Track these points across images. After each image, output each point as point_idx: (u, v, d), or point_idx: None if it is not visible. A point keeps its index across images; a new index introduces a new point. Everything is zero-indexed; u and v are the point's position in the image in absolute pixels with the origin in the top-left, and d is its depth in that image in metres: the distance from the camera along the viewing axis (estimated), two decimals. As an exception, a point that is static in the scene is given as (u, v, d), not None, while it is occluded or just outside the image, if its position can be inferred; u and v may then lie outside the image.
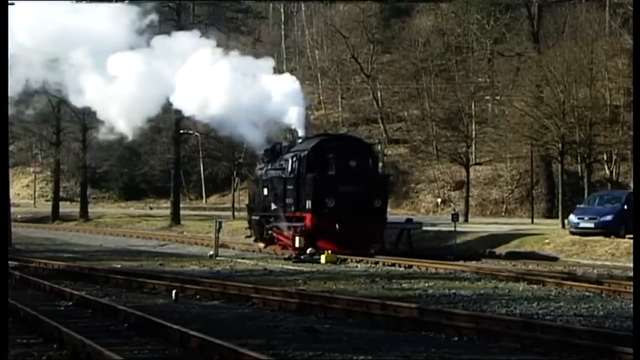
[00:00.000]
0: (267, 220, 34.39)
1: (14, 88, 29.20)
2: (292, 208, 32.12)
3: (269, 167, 35.04)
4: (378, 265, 27.62)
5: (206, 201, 74.27)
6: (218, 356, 10.58)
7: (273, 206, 33.57)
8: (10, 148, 61.83)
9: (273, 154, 35.31)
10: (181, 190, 63.53)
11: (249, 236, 37.77)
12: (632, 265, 24.37)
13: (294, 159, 32.28)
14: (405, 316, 14.74)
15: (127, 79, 32.25)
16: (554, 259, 31.17)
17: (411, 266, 27.04)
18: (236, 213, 52.12)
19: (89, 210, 61.76)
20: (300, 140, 34.10)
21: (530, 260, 30.08)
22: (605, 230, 32.42)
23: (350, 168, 31.49)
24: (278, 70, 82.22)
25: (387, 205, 32.87)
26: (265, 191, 34.68)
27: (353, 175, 31.22)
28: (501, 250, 33.46)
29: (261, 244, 34.84)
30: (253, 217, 36.54)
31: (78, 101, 35.30)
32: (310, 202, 31.10)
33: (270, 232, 34.18)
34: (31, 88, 34.88)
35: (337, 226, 30.18)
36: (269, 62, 36.15)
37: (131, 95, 32.45)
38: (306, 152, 31.97)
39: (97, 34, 31.34)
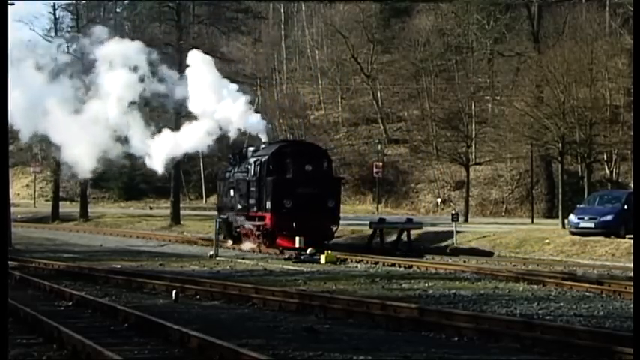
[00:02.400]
0: (234, 219, 36.55)
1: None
2: (255, 209, 34.76)
3: (235, 170, 37.75)
4: (378, 265, 27.65)
5: (206, 201, 74.23)
6: (218, 356, 10.58)
7: (239, 206, 36.28)
8: (10, 148, 61.77)
9: (239, 158, 38.00)
10: (181, 190, 63.53)
11: (218, 233, 39.10)
12: (632, 265, 24.36)
13: (257, 163, 34.95)
14: (405, 316, 14.74)
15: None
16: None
17: (411, 266, 27.06)
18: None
19: (89, 210, 61.72)
20: (263, 146, 36.55)
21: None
22: (605, 230, 32.42)
23: (306, 172, 33.82)
24: (278, 70, 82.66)
25: (339, 205, 35.19)
26: (232, 192, 37.48)
27: (308, 178, 33.58)
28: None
29: (230, 242, 36.70)
30: (222, 217, 38.66)
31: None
32: (270, 202, 33.57)
33: (237, 230, 36.35)
34: None
35: (294, 225, 32.26)
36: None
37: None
38: (266, 157, 34.52)
39: None
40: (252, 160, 35.64)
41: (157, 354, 11.34)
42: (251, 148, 37.26)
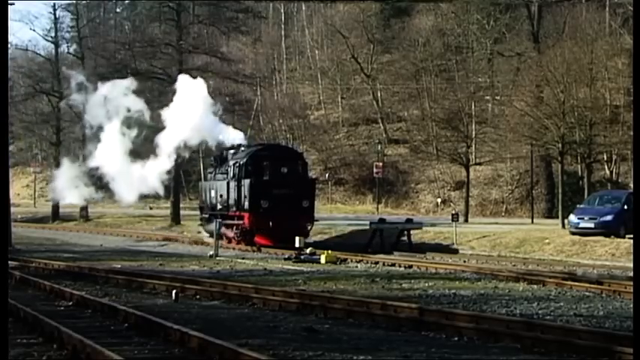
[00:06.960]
0: (215, 218, 37.61)
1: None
2: (234, 208, 36.74)
3: (217, 172, 39.89)
4: (378, 265, 27.65)
5: (206, 201, 74.11)
6: (218, 356, 10.57)
7: (219, 206, 38.32)
8: (10, 148, 61.75)
9: (220, 160, 39.98)
10: (181, 190, 63.51)
11: (200, 232, 41.43)
12: (632, 265, 24.36)
13: (235, 165, 36.92)
14: (405, 316, 14.73)
15: None
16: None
17: (411, 266, 27.06)
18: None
19: (89, 210, 61.69)
20: (242, 149, 38.55)
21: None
22: (605, 230, 32.41)
23: (281, 173, 35.89)
24: (278, 70, 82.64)
25: (314, 204, 37.03)
26: (212, 193, 39.60)
27: (284, 180, 35.63)
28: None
29: (211, 240, 37.24)
30: (203, 216, 40.96)
31: None
32: (248, 203, 35.62)
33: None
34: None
35: (271, 224, 34.38)
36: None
37: None
38: (244, 160, 36.51)
39: None
40: (231, 163, 37.52)
41: (157, 354, 11.33)
42: (231, 151, 38.87)
